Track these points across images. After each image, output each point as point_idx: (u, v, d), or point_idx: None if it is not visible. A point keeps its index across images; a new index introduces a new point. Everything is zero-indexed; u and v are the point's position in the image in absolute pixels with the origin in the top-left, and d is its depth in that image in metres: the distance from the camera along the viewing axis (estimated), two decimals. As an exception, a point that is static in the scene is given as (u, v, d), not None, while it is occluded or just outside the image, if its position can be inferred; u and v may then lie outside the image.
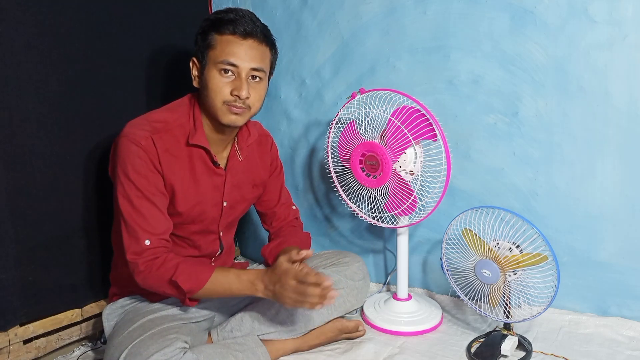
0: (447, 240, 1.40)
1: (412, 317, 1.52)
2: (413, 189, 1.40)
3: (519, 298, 1.31)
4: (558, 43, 1.40)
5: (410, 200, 1.41)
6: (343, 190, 1.57)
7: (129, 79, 1.55)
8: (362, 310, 1.59)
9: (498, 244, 1.30)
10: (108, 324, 1.32)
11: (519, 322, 1.34)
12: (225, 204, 1.37)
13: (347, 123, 1.48)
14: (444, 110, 1.55)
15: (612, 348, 1.34)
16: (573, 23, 1.38)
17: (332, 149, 1.55)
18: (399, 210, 1.44)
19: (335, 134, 1.54)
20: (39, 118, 1.32)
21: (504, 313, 1.35)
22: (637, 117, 1.35)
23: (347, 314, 1.50)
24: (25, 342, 1.33)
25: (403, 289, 1.56)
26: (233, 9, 1.25)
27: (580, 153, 1.43)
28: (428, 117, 1.35)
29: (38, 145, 1.33)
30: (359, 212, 1.55)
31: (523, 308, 1.33)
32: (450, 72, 1.55)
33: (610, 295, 1.45)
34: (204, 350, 1.21)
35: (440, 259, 1.43)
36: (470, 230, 1.32)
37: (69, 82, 1.38)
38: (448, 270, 1.43)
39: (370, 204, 1.50)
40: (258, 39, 1.24)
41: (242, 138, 1.39)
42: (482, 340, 1.38)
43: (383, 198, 1.46)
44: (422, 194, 1.42)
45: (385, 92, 1.40)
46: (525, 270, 1.28)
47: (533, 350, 1.33)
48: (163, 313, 1.28)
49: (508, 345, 1.30)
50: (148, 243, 1.20)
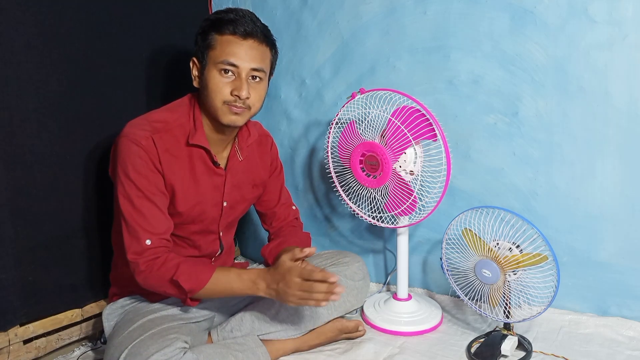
0: (447, 240, 1.40)
1: (412, 317, 1.52)
2: (413, 189, 1.40)
3: (519, 298, 1.31)
4: (558, 43, 1.40)
5: (410, 200, 1.41)
6: (343, 190, 1.57)
7: (129, 79, 1.55)
8: (362, 310, 1.59)
9: (498, 244, 1.30)
10: (108, 324, 1.32)
11: (519, 322, 1.34)
12: (225, 204, 1.37)
13: (347, 123, 1.48)
14: (444, 110, 1.55)
15: (612, 348, 1.34)
16: (573, 23, 1.38)
17: (332, 149, 1.55)
18: (399, 210, 1.44)
19: (335, 134, 1.54)
20: (39, 118, 1.32)
21: (504, 313, 1.35)
22: (637, 117, 1.35)
23: (347, 314, 1.50)
24: (25, 342, 1.33)
25: (403, 289, 1.56)
26: (233, 9, 1.26)
27: (580, 153, 1.43)
28: (428, 117, 1.35)
29: (38, 145, 1.33)
30: (359, 212, 1.55)
31: (523, 308, 1.33)
32: (450, 72, 1.55)
33: (610, 295, 1.45)
34: (204, 350, 1.21)
35: (440, 259, 1.43)
36: (470, 230, 1.32)
37: (69, 82, 1.38)
38: (448, 270, 1.43)
39: (370, 204, 1.50)
40: (258, 39, 1.24)
41: (242, 138, 1.39)
42: (482, 340, 1.38)
43: (383, 198, 1.46)
44: (422, 194, 1.42)
45: (385, 92, 1.40)
46: (525, 270, 1.28)
47: (533, 350, 1.33)
48: (163, 313, 1.28)
49: (508, 345, 1.30)
50: (149, 243, 1.20)
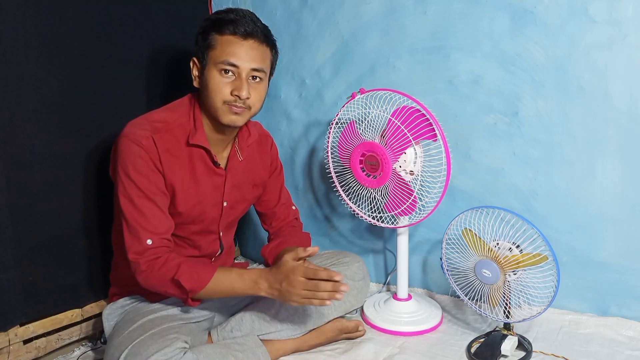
0: (447, 240, 1.40)
1: (412, 317, 1.52)
2: (413, 189, 1.40)
3: (519, 298, 1.31)
4: (558, 43, 1.40)
5: (410, 200, 1.41)
6: (343, 190, 1.57)
7: (129, 79, 1.55)
8: (362, 310, 1.59)
9: (498, 244, 1.30)
10: (108, 324, 1.32)
11: (519, 322, 1.34)
12: (226, 204, 1.37)
13: (347, 123, 1.48)
14: (444, 110, 1.55)
15: (612, 348, 1.34)
16: (573, 23, 1.38)
17: (332, 149, 1.55)
18: (399, 210, 1.44)
19: (335, 134, 1.54)
20: (39, 118, 1.32)
21: (504, 313, 1.35)
22: (637, 117, 1.35)
23: (347, 314, 1.50)
24: (25, 342, 1.33)
25: (403, 289, 1.56)
26: (234, 9, 1.26)
27: (580, 153, 1.43)
28: (428, 117, 1.35)
29: (38, 145, 1.33)
30: (359, 212, 1.55)
31: (523, 308, 1.33)
32: (450, 72, 1.55)
33: (610, 295, 1.45)
34: (204, 350, 1.21)
35: (440, 259, 1.43)
36: (470, 230, 1.32)
37: (69, 82, 1.38)
38: (448, 270, 1.43)
39: (370, 204, 1.50)
40: (259, 40, 1.24)
41: (242, 138, 1.39)
42: (482, 340, 1.38)
43: (383, 198, 1.46)
44: (422, 194, 1.42)
45: (385, 92, 1.40)
46: (525, 270, 1.28)
47: (533, 350, 1.33)
48: (163, 313, 1.28)
49: (508, 345, 1.30)
50: (150, 242, 1.20)
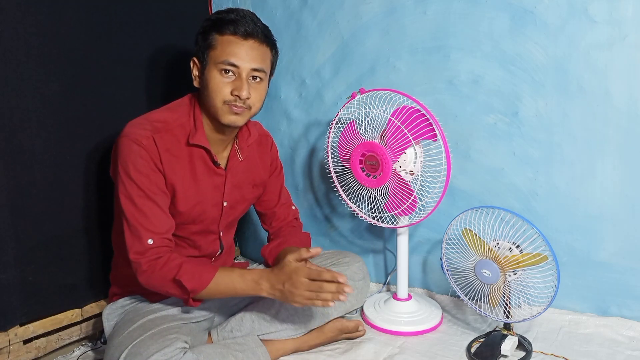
0: (447, 240, 1.40)
1: (412, 317, 1.52)
2: (413, 189, 1.40)
3: (519, 298, 1.31)
4: (558, 43, 1.40)
5: (410, 200, 1.41)
6: (343, 190, 1.57)
7: (129, 79, 1.55)
8: (362, 310, 1.59)
9: (498, 244, 1.30)
10: (108, 324, 1.32)
11: (519, 322, 1.34)
12: (226, 204, 1.37)
13: (347, 123, 1.48)
14: (444, 110, 1.55)
15: (612, 348, 1.34)
16: (573, 23, 1.38)
17: (332, 149, 1.55)
18: (399, 210, 1.44)
19: (335, 134, 1.54)
20: (39, 118, 1.32)
21: (504, 313, 1.35)
22: (637, 117, 1.35)
23: (347, 314, 1.50)
24: (25, 342, 1.33)
25: (403, 289, 1.56)
26: (234, 9, 1.26)
27: (580, 153, 1.43)
28: (428, 117, 1.35)
29: (38, 145, 1.33)
30: (359, 212, 1.55)
31: (523, 308, 1.33)
32: (450, 72, 1.55)
33: (610, 295, 1.45)
34: (204, 350, 1.21)
35: (440, 259, 1.43)
36: (470, 230, 1.32)
37: (69, 82, 1.38)
38: (448, 270, 1.43)
39: (370, 204, 1.50)
40: (259, 40, 1.24)
41: (242, 138, 1.39)
42: (482, 340, 1.38)
43: (383, 198, 1.46)
44: (422, 194, 1.42)
45: (385, 92, 1.40)
46: (525, 270, 1.28)
47: (533, 350, 1.33)
48: (163, 313, 1.28)
49: (508, 345, 1.30)
50: (151, 242, 1.20)
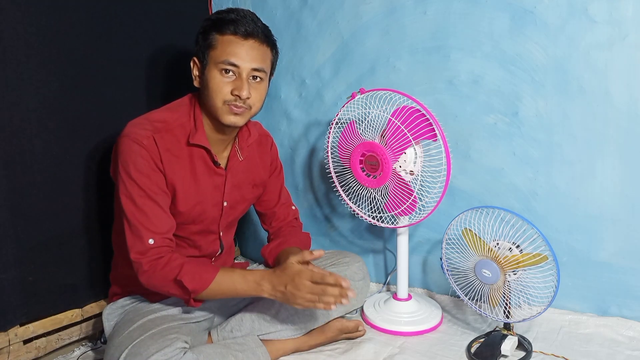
0: (447, 240, 1.40)
1: (412, 317, 1.52)
2: (413, 189, 1.40)
3: (519, 298, 1.31)
4: (558, 43, 1.40)
5: (410, 200, 1.41)
6: (343, 190, 1.57)
7: (129, 79, 1.55)
8: (362, 310, 1.59)
9: (498, 244, 1.30)
10: (108, 324, 1.32)
11: (519, 322, 1.34)
12: (226, 204, 1.37)
13: (347, 123, 1.48)
14: (444, 110, 1.55)
15: (612, 348, 1.34)
16: (573, 23, 1.38)
17: (332, 149, 1.55)
18: (399, 210, 1.44)
19: (335, 134, 1.54)
20: (39, 118, 1.32)
21: (504, 313, 1.35)
22: (637, 117, 1.35)
23: (347, 314, 1.51)
24: (25, 342, 1.33)
25: (403, 289, 1.56)
26: (234, 9, 1.26)
27: (580, 153, 1.43)
28: (428, 117, 1.35)
29: (38, 145, 1.33)
30: (359, 212, 1.55)
31: (523, 308, 1.33)
32: (450, 72, 1.55)
33: (610, 295, 1.45)
34: (204, 350, 1.21)
35: (440, 259, 1.43)
36: (470, 230, 1.32)
37: (69, 82, 1.38)
38: (448, 270, 1.43)
39: (370, 204, 1.50)
40: (259, 40, 1.24)
41: (242, 138, 1.39)
42: (482, 340, 1.38)
43: (383, 198, 1.46)
44: (422, 194, 1.42)
45: (385, 92, 1.40)
46: (525, 270, 1.28)
47: (533, 350, 1.33)
48: (163, 313, 1.28)
49: (508, 345, 1.31)
50: (152, 242, 1.20)
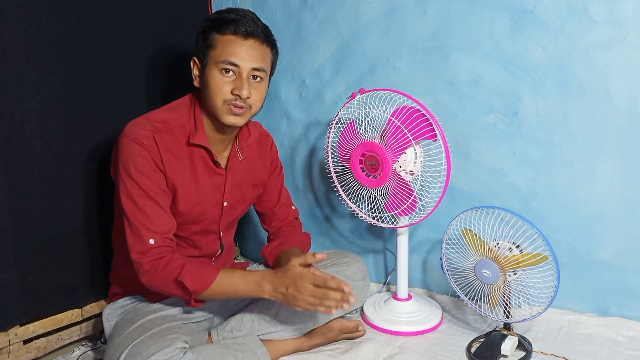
0: (447, 240, 1.40)
1: (412, 317, 1.52)
2: (413, 189, 1.40)
3: (519, 298, 1.31)
4: (558, 43, 1.40)
5: (410, 200, 1.41)
6: (343, 190, 1.57)
7: (129, 79, 1.55)
8: (362, 310, 1.59)
9: (498, 244, 1.30)
10: (108, 324, 1.32)
11: (519, 322, 1.34)
12: (226, 204, 1.37)
13: (347, 123, 1.48)
14: (444, 110, 1.55)
15: (612, 348, 1.34)
16: (573, 23, 1.38)
17: (332, 149, 1.55)
18: (399, 210, 1.44)
19: (335, 134, 1.54)
20: (39, 118, 1.32)
21: (504, 313, 1.35)
22: (637, 117, 1.35)
23: (347, 314, 1.50)
24: (25, 342, 1.33)
25: (403, 289, 1.56)
26: (234, 9, 1.26)
27: (580, 153, 1.43)
28: (428, 117, 1.35)
29: (38, 145, 1.33)
30: (359, 212, 1.55)
31: (523, 308, 1.33)
32: (450, 72, 1.55)
33: (610, 295, 1.45)
34: (204, 350, 1.21)
35: (440, 259, 1.43)
36: (470, 230, 1.32)
37: (69, 82, 1.38)
38: (448, 270, 1.43)
39: (370, 204, 1.50)
40: (259, 39, 1.24)
41: (242, 138, 1.39)
42: (482, 340, 1.38)
43: (383, 198, 1.46)
44: (422, 194, 1.42)
45: (385, 92, 1.40)
46: (525, 270, 1.28)
47: (533, 350, 1.33)
48: (163, 313, 1.28)
49: (508, 345, 1.30)
50: (152, 242, 1.20)
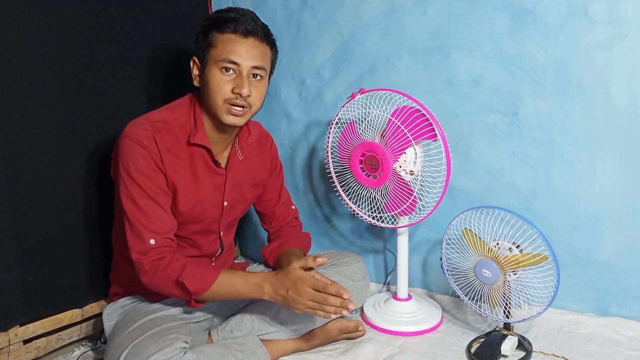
0: (447, 240, 1.40)
1: (412, 317, 1.52)
2: (413, 189, 1.40)
3: (519, 298, 1.31)
4: (558, 43, 1.40)
5: (410, 200, 1.41)
6: (343, 190, 1.57)
7: (129, 79, 1.55)
8: (362, 310, 1.59)
9: (498, 244, 1.30)
10: (108, 324, 1.32)
11: (519, 322, 1.34)
12: (226, 204, 1.37)
13: (347, 123, 1.48)
14: (444, 110, 1.55)
15: (612, 348, 1.34)
16: (573, 23, 1.38)
17: (332, 149, 1.55)
18: (399, 210, 1.44)
19: (335, 134, 1.54)
20: (39, 118, 1.32)
21: (504, 313, 1.35)
22: (637, 117, 1.35)
23: (347, 314, 1.50)
24: (25, 342, 1.33)
25: (403, 289, 1.56)
26: (234, 8, 1.26)
27: (580, 153, 1.43)
28: (428, 117, 1.35)
29: (38, 145, 1.33)
30: (359, 212, 1.55)
31: (523, 308, 1.33)
32: (450, 72, 1.55)
33: (610, 295, 1.45)
34: (204, 350, 1.21)
35: (440, 259, 1.43)
36: (470, 230, 1.32)
37: (69, 82, 1.38)
38: (448, 270, 1.43)
39: (370, 204, 1.50)
40: (259, 38, 1.24)
41: (242, 137, 1.39)
42: (482, 340, 1.38)
43: (383, 198, 1.46)
44: (422, 194, 1.42)
45: (385, 92, 1.40)
46: (525, 270, 1.28)
47: (533, 350, 1.33)
48: (163, 313, 1.28)
49: (508, 345, 1.30)
50: (153, 242, 1.20)
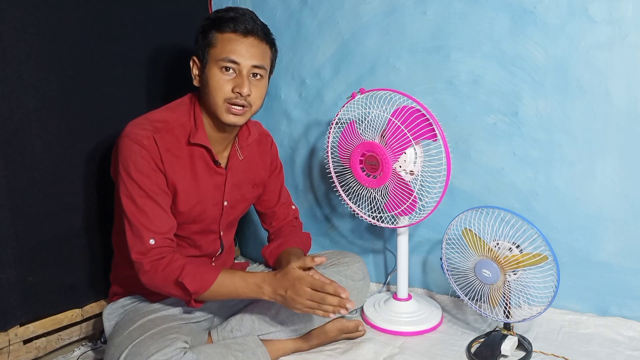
0: (447, 240, 1.40)
1: (412, 317, 1.52)
2: (413, 189, 1.40)
3: (519, 298, 1.31)
4: (558, 43, 1.40)
5: (410, 200, 1.41)
6: (343, 190, 1.57)
7: (129, 79, 1.55)
8: (362, 310, 1.59)
9: (498, 244, 1.30)
10: (108, 324, 1.32)
11: (519, 322, 1.34)
12: (226, 204, 1.37)
13: (347, 123, 1.48)
14: (444, 110, 1.55)
15: (612, 348, 1.34)
16: (573, 23, 1.38)
17: (332, 149, 1.55)
18: (399, 210, 1.44)
19: (335, 134, 1.54)
20: (39, 118, 1.32)
21: (504, 313, 1.35)
22: (637, 117, 1.35)
23: (347, 314, 1.50)
24: (25, 342, 1.33)
25: (403, 289, 1.56)
26: (233, 8, 1.26)
27: (580, 153, 1.43)
28: (428, 117, 1.35)
29: (38, 145, 1.33)
30: (359, 212, 1.55)
31: (523, 308, 1.33)
32: (450, 72, 1.55)
33: (610, 295, 1.45)
34: (204, 350, 1.21)
35: (440, 259, 1.43)
36: (470, 230, 1.32)
37: (69, 82, 1.38)
38: (448, 270, 1.43)
39: (370, 204, 1.50)
40: (259, 37, 1.24)
41: (242, 137, 1.39)
42: (482, 340, 1.38)
43: (383, 198, 1.46)
44: (422, 194, 1.42)
45: (385, 92, 1.40)
46: (525, 270, 1.28)
47: (533, 350, 1.33)
48: (163, 313, 1.29)
49: (508, 345, 1.30)
50: (153, 242, 1.20)
